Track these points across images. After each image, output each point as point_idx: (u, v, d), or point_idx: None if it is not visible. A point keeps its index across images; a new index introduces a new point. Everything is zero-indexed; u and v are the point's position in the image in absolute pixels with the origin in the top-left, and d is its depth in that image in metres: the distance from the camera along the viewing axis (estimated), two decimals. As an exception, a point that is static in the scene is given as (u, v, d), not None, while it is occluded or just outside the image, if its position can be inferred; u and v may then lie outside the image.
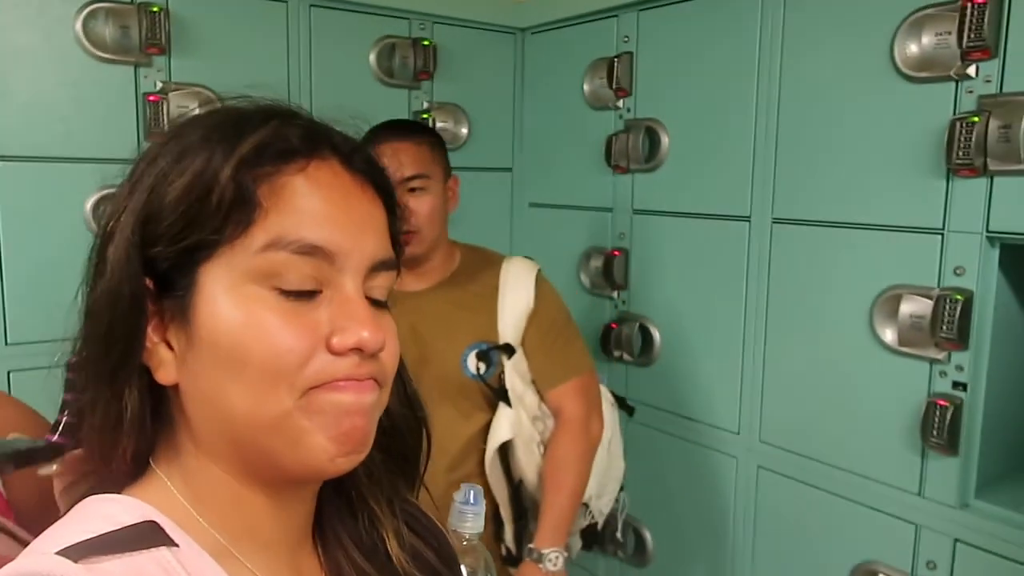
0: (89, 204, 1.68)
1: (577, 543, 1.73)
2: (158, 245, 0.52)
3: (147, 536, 0.49)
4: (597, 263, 2.14)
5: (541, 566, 1.49)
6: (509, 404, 1.55)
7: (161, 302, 0.53)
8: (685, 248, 1.94)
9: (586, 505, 1.64)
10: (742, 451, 1.82)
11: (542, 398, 1.59)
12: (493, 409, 1.57)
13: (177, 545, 0.49)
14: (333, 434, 0.52)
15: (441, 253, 1.59)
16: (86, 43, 1.71)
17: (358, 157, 0.57)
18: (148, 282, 0.52)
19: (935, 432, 1.41)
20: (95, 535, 0.47)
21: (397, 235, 0.60)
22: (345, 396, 0.52)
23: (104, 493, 0.53)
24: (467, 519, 0.76)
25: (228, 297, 0.51)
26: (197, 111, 0.59)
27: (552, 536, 1.51)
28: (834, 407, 1.62)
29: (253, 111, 0.55)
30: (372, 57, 2.11)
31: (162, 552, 0.48)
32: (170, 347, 0.53)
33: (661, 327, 2.02)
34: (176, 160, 0.52)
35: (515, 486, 1.60)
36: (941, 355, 1.42)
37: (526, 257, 1.67)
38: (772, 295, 1.74)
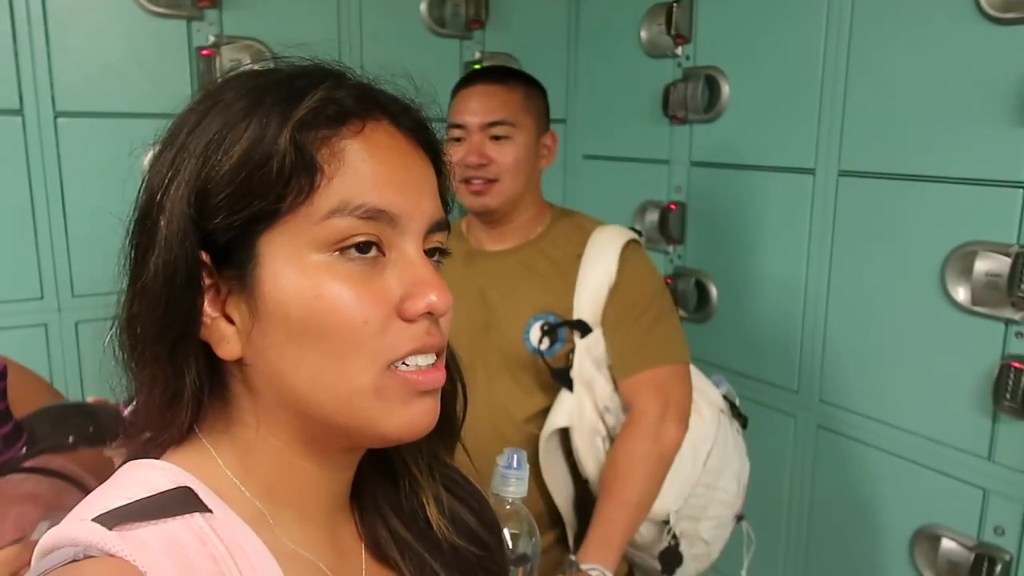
0: (146, 160, 1.70)
1: (652, 565, 1.41)
2: (216, 217, 0.49)
3: (181, 502, 0.49)
4: (652, 217, 2.09)
5: None
6: (570, 388, 1.35)
7: (217, 275, 0.51)
8: (745, 202, 1.88)
9: (666, 523, 1.35)
10: (800, 410, 1.78)
11: (616, 387, 1.38)
12: (558, 390, 1.38)
13: (211, 511, 0.49)
14: (409, 415, 0.52)
15: (526, 213, 1.44)
16: (140, -3, 1.71)
17: (407, 117, 0.55)
18: (204, 255, 0.50)
19: (1008, 395, 1.35)
20: (131, 501, 0.47)
21: (446, 194, 0.59)
22: (417, 382, 0.52)
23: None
24: (510, 483, 0.76)
25: (294, 268, 0.50)
26: (249, 65, 0.57)
27: (597, 552, 1.24)
28: (900, 367, 1.56)
29: (299, 72, 0.53)
30: (423, 7, 2.07)
31: (196, 518, 0.48)
32: (230, 321, 0.52)
33: (718, 283, 1.97)
34: (226, 127, 0.50)
35: (582, 485, 1.39)
36: (1018, 315, 1.35)
37: (631, 228, 1.47)
38: (836, 251, 1.68)
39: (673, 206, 2.04)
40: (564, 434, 1.37)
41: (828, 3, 1.63)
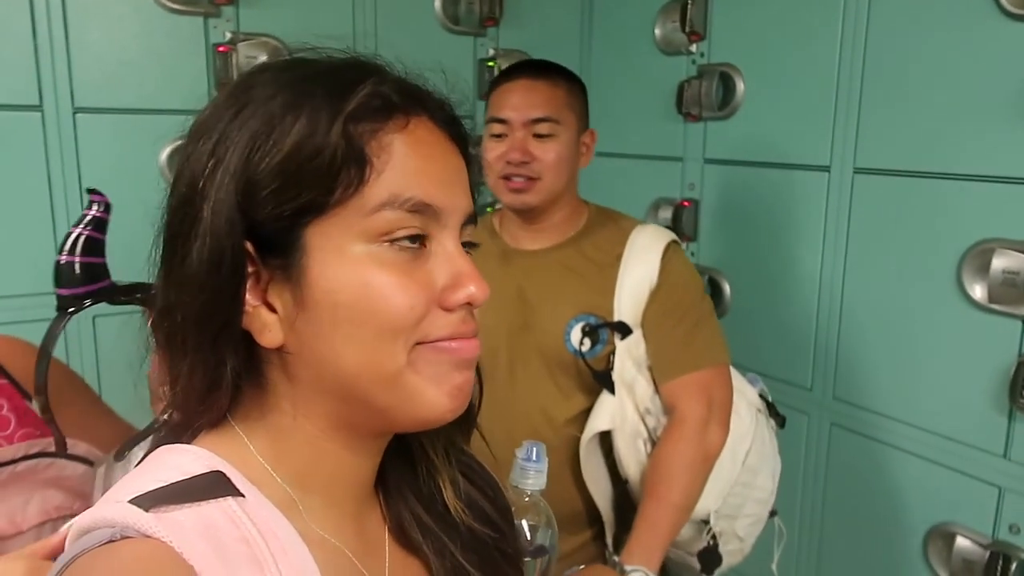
0: (164, 155, 1.72)
1: (690, 563, 1.41)
2: (263, 208, 0.50)
3: (215, 486, 0.49)
4: (666, 214, 2.09)
5: None
6: (612, 390, 1.33)
7: (259, 264, 0.52)
8: (759, 199, 1.87)
9: (705, 522, 1.35)
10: (814, 408, 1.78)
11: (657, 390, 1.36)
12: (598, 392, 1.36)
13: (243, 495, 0.50)
14: (447, 388, 0.54)
15: (564, 211, 1.41)
16: (157, -6, 1.72)
17: (443, 113, 0.57)
18: (248, 245, 0.51)
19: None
20: (166, 484, 0.48)
21: (475, 186, 0.60)
22: (456, 352, 0.54)
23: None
24: (529, 475, 0.76)
25: (343, 258, 0.51)
26: (280, 57, 0.57)
27: (641, 553, 1.24)
28: (915, 365, 1.56)
29: (345, 65, 0.54)
30: (438, 4, 2.08)
31: (228, 502, 0.49)
32: (271, 309, 0.52)
33: (731, 280, 1.97)
34: (274, 118, 0.50)
35: (621, 486, 1.39)
36: (1035, 313, 1.35)
37: (666, 227, 1.44)
38: (851, 249, 1.67)
39: (687, 203, 2.03)
40: (604, 435, 1.35)
41: None
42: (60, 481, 0.78)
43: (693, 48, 1.99)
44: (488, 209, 2.24)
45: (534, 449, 0.77)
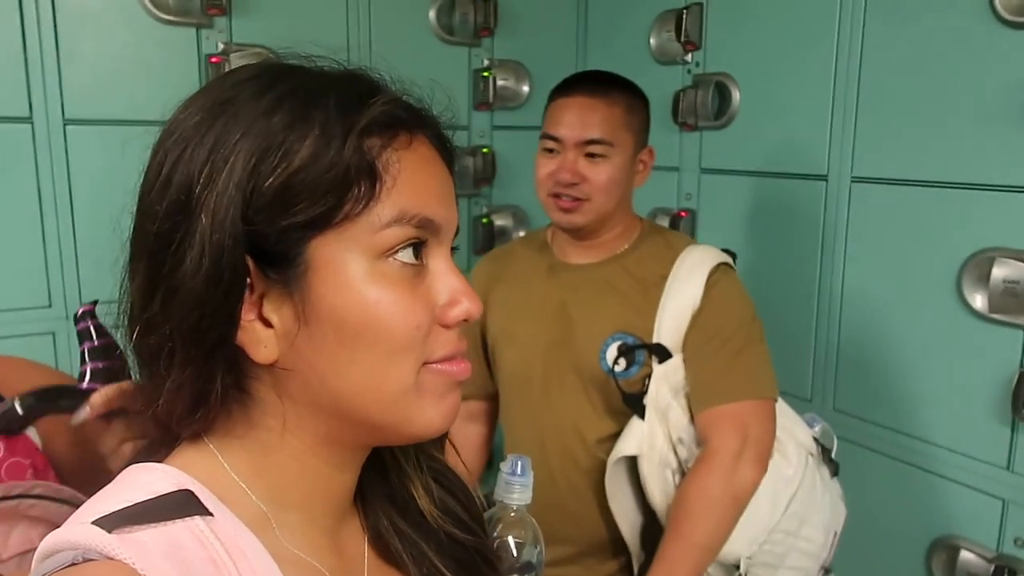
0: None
1: None
2: (269, 220, 0.48)
3: (181, 505, 0.48)
4: (662, 224, 2.08)
5: None
6: (641, 415, 1.27)
7: (258, 277, 0.50)
8: (756, 209, 1.86)
9: (736, 567, 1.26)
10: (814, 419, 1.76)
11: (692, 419, 1.29)
12: (630, 415, 1.30)
13: (211, 514, 0.48)
14: (443, 409, 0.54)
15: (616, 229, 1.37)
16: (149, 5, 1.71)
17: (436, 131, 0.57)
18: (248, 258, 0.49)
19: (1027, 404, 1.34)
20: (131, 504, 0.47)
21: (456, 200, 0.60)
22: (455, 375, 0.55)
23: (147, 461, 0.52)
24: (514, 490, 0.74)
25: (349, 274, 0.50)
26: (269, 60, 0.56)
27: None
28: (916, 376, 1.54)
29: (352, 78, 0.53)
30: (432, 14, 2.07)
31: (196, 521, 0.47)
32: (267, 324, 0.51)
33: (729, 291, 1.95)
34: (280, 129, 0.48)
35: (650, 516, 1.32)
36: (1037, 322, 1.34)
37: (723, 249, 1.39)
38: (849, 259, 1.66)
39: (683, 213, 2.02)
40: (633, 462, 1.29)
41: (840, 7, 1.62)
42: (45, 516, 0.76)
43: (688, 58, 1.98)
44: (484, 220, 2.23)
45: (519, 463, 0.75)
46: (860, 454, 1.67)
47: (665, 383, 1.28)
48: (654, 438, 1.27)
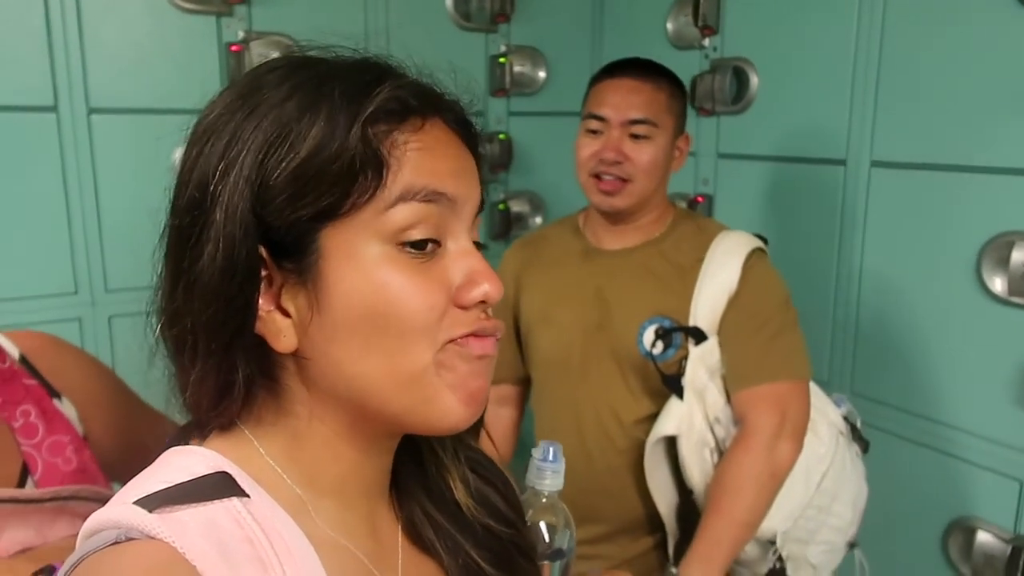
0: (177, 154, 1.72)
1: None
2: (279, 212, 0.49)
3: (220, 486, 0.49)
4: (679, 210, 2.08)
5: None
6: (680, 395, 1.30)
7: (273, 269, 0.51)
8: (773, 194, 1.86)
9: (772, 543, 1.29)
10: (831, 403, 1.76)
11: (729, 400, 1.32)
12: (668, 396, 1.33)
13: (248, 496, 0.50)
14: (462, 395, 0.53)
15: (652, 213, 1.39)
16: (171, -7, 1.73)
17: (455, 114, 0.57)
18: (262, 250, 0.50)
19: (1046, 387, 1.33)
20: (171, 485, 0.48)
21: (484, 183, 0.60)
22: (474, 353, 0.53)
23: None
24: (546, 476, 0.75)
25: (360, 260, 0.50)
26: (288, 54, 0.57)
27: (700, 567, 1.21)
28: (934, 359, 1.55)
29: (359, 66, 0.53)
30: (449, 0, 2.07)
31: (233, 502, 0.49)
32: (285, 314, 0.52)
33: (746, 276, 1.95)
34: (290, 120, 0.49)
35: (687, 495, 1.35)
36: (1056, 306, 1.33)
37: (755, 234, 1.40)
38: (868, 243, 1.66)
39: (700, 198, 2.02)
40: (671, 442, 1.32)
41: (860, -9, 1.61)
42: (91, 509, 0.78)
43: (706, 42, 1.98)
44: (500, 207, 2.24)
45: (551, 449, 0.76)
46: (878, 436, 1.66)
47: (702, 364, 1.30)
48: (693, 418, 1.29)
